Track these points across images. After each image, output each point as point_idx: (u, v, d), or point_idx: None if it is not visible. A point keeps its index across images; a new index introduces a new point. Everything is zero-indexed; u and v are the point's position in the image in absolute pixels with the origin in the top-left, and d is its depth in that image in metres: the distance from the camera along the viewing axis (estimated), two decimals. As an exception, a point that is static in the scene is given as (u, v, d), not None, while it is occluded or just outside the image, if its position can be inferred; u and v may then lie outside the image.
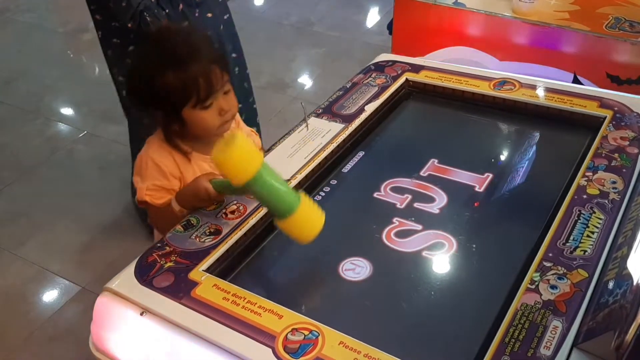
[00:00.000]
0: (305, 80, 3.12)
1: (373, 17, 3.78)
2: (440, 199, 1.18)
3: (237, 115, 1.28)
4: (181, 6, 1.70)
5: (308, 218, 0.98)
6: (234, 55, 1.89)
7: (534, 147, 1.36)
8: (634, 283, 0.79)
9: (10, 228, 2.21)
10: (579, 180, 1.12)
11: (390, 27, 2.03)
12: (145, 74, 1.09)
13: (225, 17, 1.87)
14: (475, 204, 1.16)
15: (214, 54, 1.11)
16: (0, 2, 4.03)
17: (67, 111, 3.00)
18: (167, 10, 1.67)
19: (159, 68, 1.07)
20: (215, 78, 1.09)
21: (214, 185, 1.07)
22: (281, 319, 0.88)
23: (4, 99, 2.98)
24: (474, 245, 1.09)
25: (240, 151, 0.94)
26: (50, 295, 1.97)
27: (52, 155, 2.62)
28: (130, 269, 0.98)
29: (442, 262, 1.06)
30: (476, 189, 1.20)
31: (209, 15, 1.79)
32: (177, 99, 1.08)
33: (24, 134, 2.74)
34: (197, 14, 1.74)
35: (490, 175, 1.23)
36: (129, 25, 1.63)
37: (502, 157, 1.32)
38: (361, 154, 1.32)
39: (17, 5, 3.99)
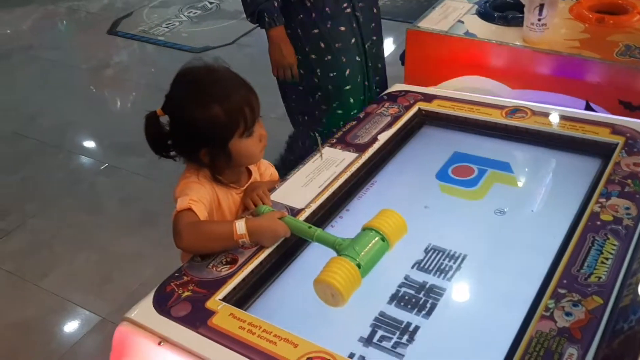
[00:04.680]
0: (321, 111, 3.16)
1: (387, 47, 3.81)
2: (454, 226, 1.19)
3: None
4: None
5: (353, 280, 0.96)
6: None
7: (547, 174, 1.36)
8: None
9: (33, 260, 2.25)
10: (593, 206, 1.12)
11: (402, 57, 2.06)
12: (189, 115, 1.11)
13: None
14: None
15: (246, 83, 1.15)
16: (24, 40, 4.17)
17: (89, 144, 3.07)
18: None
19: (203, 105, 1.09)
20: (257, 107, 1.14)
21: (317, 237, 1.06)
22: (296, 347, 0.89)
23: (28, 133, 3.06)
24: (488, 273, 1.10)
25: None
26: (71, 326, 1.99)
27: (74, 187, 2.67)
28: (149, 298, 1.00)
29: (456, 290, 1.06)
30: (490, 216, 1.21)
31: None
32: (225, 131, 1.11)
33: (47, 167, 2.80)
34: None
35: (504, 203, 1.24)
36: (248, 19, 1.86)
37: (515, 185, 1.33)
38: (375, 182, 1.34)
39: (40, 43, 4.12)
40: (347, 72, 1.95)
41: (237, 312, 0.96)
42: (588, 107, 1.69)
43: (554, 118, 1.40)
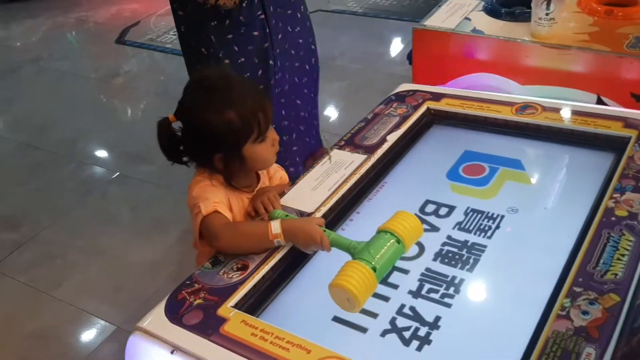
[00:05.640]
0: (330, 113, 3.16)
1: (395, 47, 3.82)
2: (467, 225, 1.18)
3: None
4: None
5: (369, 283, 0.95)
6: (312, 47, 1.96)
7: (559, 171, 1.34)
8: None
9: (46, 270, 2.26)
10: (607, 202, 1.10)
11: (410, 57, 2.05)
12: (203, 121, 1.11)
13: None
14: (508, 229, 1.16)
15: (259, 89, 1.15)
16: (33, 51, 4.20)
17: (100, 154, 3.09)
18: None
19: (218, 110, 1.10)
20: (270, 110, 1.14)
21: (331, 240, 1.05)
22: (309, 353, 0.88)
23: (39, 144, 3.08)
24: (503, 271, 1.08)
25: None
26: (86, 336, 2.00)
27: (85, 197, 2.68)
28: (161, 307, 1.00)
29: (471, 290, 1.05)
30: (503, 215, 1.19)
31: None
32: (240, 136, 1.12)
33: (58, 178, 2.82)
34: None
35: (516, 200, 1.23)
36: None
37: (527, 182, 1.31)
38: (385, 183, 1.33)
39: (50, 54, 4.15)
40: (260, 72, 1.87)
41: (248, 319, 0.95)
42: (599, 101, 1.67)
43: (565, 113, 1.39)
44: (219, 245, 1.09)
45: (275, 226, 1.07)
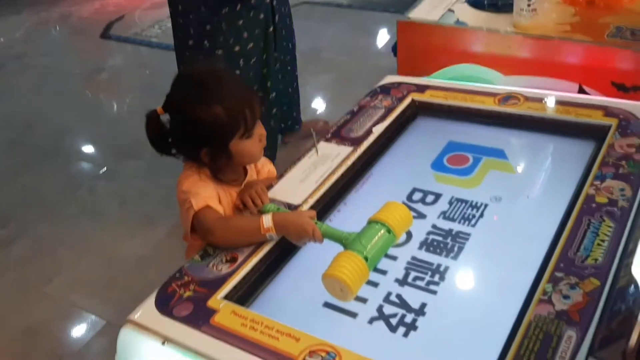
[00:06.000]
0: (317, 105, 3.16)
1: (381, 39, 3.83)
2: (451, 214, 1.20)
3: None
4: None
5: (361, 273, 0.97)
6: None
7: (542, 160, 1.37)
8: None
9: (36, 266, 2.26)
10: (587, 189, 1.13)
11: (394, 49, 2.07)
12: (191, 115, 1.12)
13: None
14: (495, 217, 1.18)
15: (247, 86, 1.16)
16: (18, 47, 4.17)
17: (87, 149, 3.08)
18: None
19: (206, 105, 1.11)
20: (257, 106, 1.15)
21: (323, 231, 1.06)
22: (298, 342, 0.89)
23: (25, 141, 3.07)
24: (486, 259, 1.10)
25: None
26: (77, 331, 2.00)
27: (73, 193, 2.67)
28: (151, 299, 1.01)
29: (456, 277, 1.07)
30: (486, 203, 1.21)
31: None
32: (227, 131, 1.13)
33: (46, 174, 2.81)
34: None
35: (500, 190, 1.25)
36: None
37: (510, 172, 1.34)
38: (371, 175, 1.35)
39: (34, 50, 4.11)
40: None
41: (238, 310, 0.97)
42: (581, 91, 1.70)
43: (547, 103, 1.41)
44: (212, 240, 1.11)
45: (267, 220, 1.08)
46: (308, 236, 1.06)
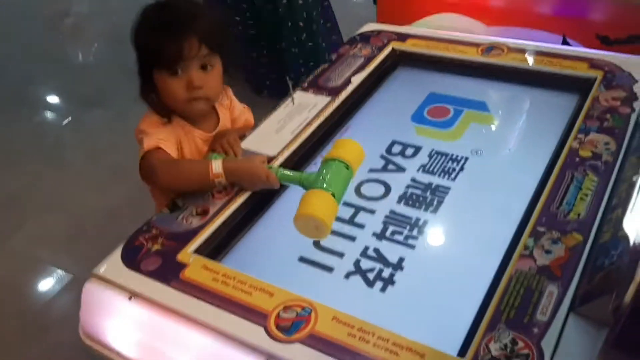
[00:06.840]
0: (292, 57, 3.08)
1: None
2: (431, 167, 1.16)
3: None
4: None
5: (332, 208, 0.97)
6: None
7: (524, 112, 1.34)
8: (631, 244, 0.77)
9: (0, 218, 2.18)
10: (571, 143, 1.10)
11: (374, -3, 1.99)
12: (136, 35, 1.09)
13: None
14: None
15: (203, 28, 1.07)
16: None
17: (51, 99, 2.96)
18: None
19: (144, 29, 1.08)
20: (188, 47, 1.05)
21: (280, 176, 1.05)
22: (272, 297, 0.86)
23: (-14, 89, 2.93)
24: (466, 213, 1.07)
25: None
26: (42, 285, 1.95)
27: (39, 143, 2.57)
28: (117, 253, 0.97)
29: (434, 232, 1.04)
30: (467, 157, 1.18)
31: None
32: (148, 58, 1.08)
33: (9, 124, 2.69)
34: None
35: (481, 143, 1.21)
36: None
37: (493, 123, 1.30)
38: (349, 126, 1.30)
39: (-6, -8, 3.90)
40: None
41: (210, 264, 0.93)
42: (565, 42, 1.66)
43: (531, 54, 1.37)
44: (157, 181, 1.07)
45: (217, 165, 1.04)
46: (261, 181, 1.04)
